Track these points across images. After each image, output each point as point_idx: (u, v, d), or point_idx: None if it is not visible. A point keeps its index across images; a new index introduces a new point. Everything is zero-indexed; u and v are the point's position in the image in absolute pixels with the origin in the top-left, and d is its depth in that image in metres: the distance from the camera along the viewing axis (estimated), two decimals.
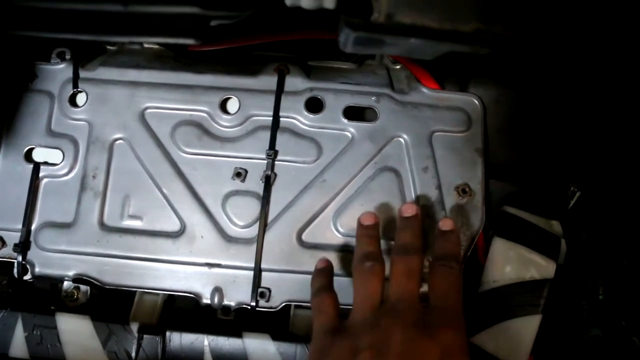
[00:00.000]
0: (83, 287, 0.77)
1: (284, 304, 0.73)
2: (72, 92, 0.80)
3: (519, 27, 0.47)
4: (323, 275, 0.68)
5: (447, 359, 0.54)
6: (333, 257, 0.74)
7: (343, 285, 0.71)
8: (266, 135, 0.78)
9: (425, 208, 0.75)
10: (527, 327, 0.70)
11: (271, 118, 0.78)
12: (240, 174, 0.77)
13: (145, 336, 0.72)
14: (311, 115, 0.78)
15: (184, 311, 0.78)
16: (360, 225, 0.69)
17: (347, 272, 0.73)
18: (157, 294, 0.77)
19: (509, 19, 0.46)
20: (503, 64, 0.80)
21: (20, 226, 0.77)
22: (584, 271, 0.75)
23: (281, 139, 0.78)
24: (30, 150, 0.80)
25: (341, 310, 0.64)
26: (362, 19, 0.46)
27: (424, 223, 0.72)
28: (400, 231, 0.67)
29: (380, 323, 0.58)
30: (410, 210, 0.68)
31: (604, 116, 0.79)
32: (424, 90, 0.80)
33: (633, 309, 0.71)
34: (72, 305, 0.76)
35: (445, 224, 0.68)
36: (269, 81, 0.79)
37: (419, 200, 0.75)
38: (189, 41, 0.54)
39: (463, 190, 0.76)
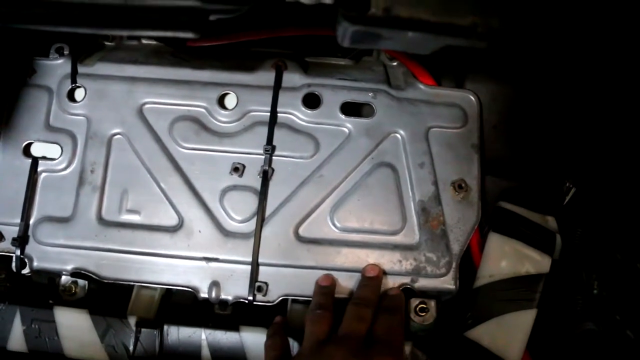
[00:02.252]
0: (81, 282, 0.77)
1: (281, 298, 0.73)
2: (70, 87, 0.81)
3: (515, 21, 0.48)
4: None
5: None
6: (330, 252, 0.74)
7: (342, 278, 0.74)
8: (264, 131, 0.78)
9: (422, 203, 0.76)
10: (523, 321, 0.70)
11: (269, 113, 0.78)
12: (238, 169, 0.77)
13: (142, 330, 0.72)
14: (308, 111, 0.79)
15: (182, 305, 0.79)
16: (317, 285, 0.74)
17: (344, 267, 0.74)
18: (155, 288, 0.78)
19: (505, 12, 0.47)
20: (499, 60, 0.81)
21: (18, 220, 0.77)
22: (578, 266, 0.75)
23: (279, 135, 0.78)
24: (29, 145, 0.80)
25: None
26: (359, 12, 0.46)
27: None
28: (360, 287, 0.73)
29: (324, 350, 0.63)
30: (372, 272, 0.73)
31: (599, 113, 0.80)
32: (421, 86, 0.80)
33: (627, 303, 0.71)
34: (70, 300, 0.77)
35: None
36: (266, 77, 0.80)
37: (415, 195, 0.76)
38: (188, 35, 0.54)
39: (459, 185, 0.76)
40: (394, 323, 0.68)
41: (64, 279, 0.77)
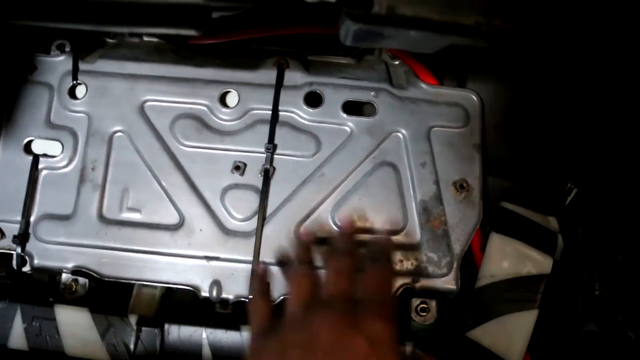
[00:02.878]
0: (81, 280, 0.77)
1: (282, 297, 0.73)
2: (71, 84, 0.80)
3: (518, 20, 0.48)
4: (259, 281, 0.68)
5: (375, 348, 0.54)
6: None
7: None
8: (265, 129, 0.78)
9: (423, 203, 0.76)
10: (524, 322, 0.70)
11: (270, 112, 0.78)
12: (239, 168, 0.77)
13: (143, 328, 0.72)
14: (310, 110, 0.78)
15: (183, 304, 0.79)
16: (297, 240, 0.71)
17: None
18: (156, 287, 0.77)
19: (508, 12, 0.47)
20: (501, 60, 0.80)
21: (19, 218, 0.77)
22: (580, 267, 0.75)
23: (280, 133, 0.78)
24: (30, 142, 0.80)
25: None
26: (363, 11, 0.46)
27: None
28: (336, 237, 0.70)
29: (309, 320, 0.57)
30: (345, 222, 0.73)
31: (601, 114, 0.79)
32: (423, 85, 0.80)
33: (629, 305, 0.71)
34: (70, 298, 0.76)
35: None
36: (268, 75, 0.80)
37: (417, 195, 0.76)
38: (191, 32, 0.54)
39: (461, 185, 0.76)
40: (380, 276, 0.63)
41: (65, 276, 0.77)
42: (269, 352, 0.57)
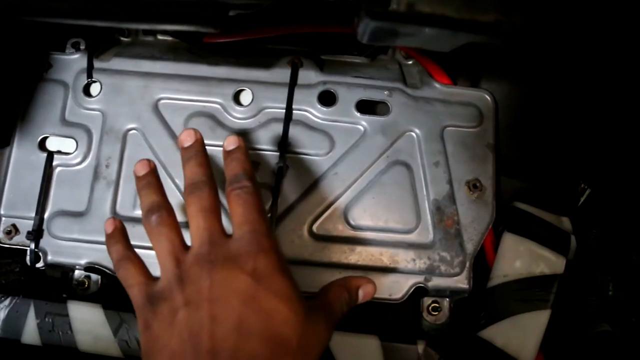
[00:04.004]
0: (94, 276, 0.77)
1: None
2: (86, 82, 0.81)
3: (537, 18, 0.48)
4: (115, 241, 0.62)
5: (260, 283, 0.52)
6: (344, 249, 0.74)
7: None
8: (279, 128, 0.78)
9: (436, 202, 0.76)
10: (536, 322, 0.70)
11: (284, 110, 0.78)
12: (253, 166, 0.77)
13: None
14: (324, 109, 0.79)
15: None
16: (136, 177, 0.63)
17: (358, 264, 0.74)
18: None
19: (527, 10, 0.47)
20: (515, 60, 0.80)
21: (33, 214, 0.77)
22: (593, 267, 0.75)
23: (293, 132, 0.78)
24: (44, 139, 0.80)
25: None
26: (382, 8, 0.46)
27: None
28: (183, 166, 0.61)
29: (188, 274, 0.54)
30: (189, 138, 0.62)
31: (615, 114, 0.79)
32: (436, 85, 0.80)
33: None
34: (83, 294, 0.77)
35: (229, 143, 0.62)
36: (282, 74, 0.80)
37: (430, 194, 0.76)
38: (209, 29, 0.54)
39: (474, 185, 0.76)
40: (245, 199, 0.57)
41: (77, 273, 0.77)
42: (158, 320, 0.53)
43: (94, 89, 0.81)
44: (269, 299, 0.52)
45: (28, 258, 0.77)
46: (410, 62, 0.83)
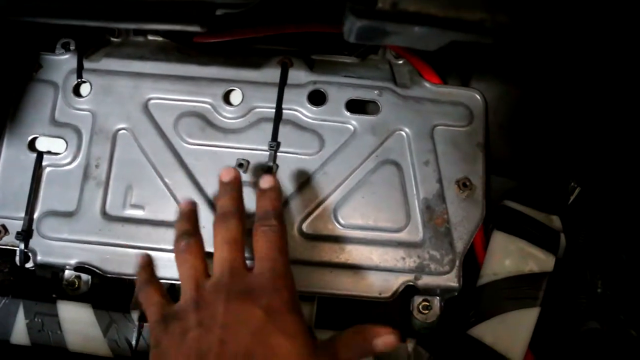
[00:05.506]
0: (84, 276, 0.77)
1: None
2: (76, 82, 0.81)
3: (523, 17, 0.48)
4: (142, 270, 0.66)
5: (270, 319, 0.54)
6: (334, 248, 0.74)
7: (346, 275, 0.74)
8: (269, 127, 0.78)
9: (426, 201, 0.76)
10: (526, 319, 0.70)
11: (274, 110, 0.79)
12: (243, 165, 0.77)
13: (145, 324, 0.72)
14: (314, 108, 0.79)
15: None
16: (178, 211, 0.67)
17: (348, 263, 0.74)
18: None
19: (513, 8, 0.47)
20: (505, 59, 0.81)
21: (22, 214, 0.77)
22: (582, 265, 0.75)
23: (283, 131, 0.78)
24: (34, 139, 0.80)
25: None
26: (367, 6, 0.46)
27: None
28: (218, 198, 0.65)
29: (205, 299, 0.57)
30: (228, 175, 0.65)
31: (604, 113, 0.79)
32: (427, 84, 0.80)
33: (631, 303, 0.71)
34: (73, 294, 0.77)
35: (265, 182, 0.65)
36: (272, 74, 0.80)
37: (420, 193, 0.76)
38: (195, 28, 0.54)
39: (464, 184, 0.76)
40: (271, 237, 0.60)
41: (67, 273, 0.77)
42: (169, 338, 0.56)
43: (84, 89, 0.81)
44: (276, 335, 0.54)
45: (17, 258, 0.77)
46: (401, 62, 0.83)
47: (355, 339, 0.59)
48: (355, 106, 0.79)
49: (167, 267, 0.74)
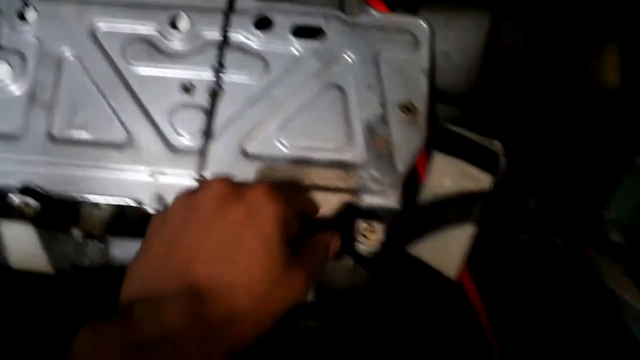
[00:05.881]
0: (33, 202, 0.77)
1: None
2: (21, 7, 0.80)
3: None
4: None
5: (252, 219, 0.55)
6: (277, 168, 0.75)
7: None
8: (215, 52, 0.79)
9: (369, 123, 0.76)
10: (462, 237, 0.72)
11: (220, 36, 0.79)
12: (188, 89, 0.78)
13: (88, 242, 0.73)
14: (260, 34, 0.79)
15: (131, 225, 0.79)
16: None
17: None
18: (105, 209, 0.77)
19: None
20: None
21: None
22: (518, 185, 0.76)
23: (229, 56, 0.79)
24: None
25: None
26: None
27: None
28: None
29: (196, 194, 0.59)
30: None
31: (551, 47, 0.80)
32: (374, 12, 0.81)
33: (560, 217, 0.73)
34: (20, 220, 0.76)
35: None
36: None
37: (362, 115, 0.76)
38: None
39: (407, 107, 0.77)
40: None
41: (15, 199, 0.77)
42: (157, 231, 0.59)
43: (29, 14, 0.81)
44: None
45: None
46: None
47: (316, 247, 0.63)
48: (302, 32, 0.80)
49: (110, 186, 0.75)
